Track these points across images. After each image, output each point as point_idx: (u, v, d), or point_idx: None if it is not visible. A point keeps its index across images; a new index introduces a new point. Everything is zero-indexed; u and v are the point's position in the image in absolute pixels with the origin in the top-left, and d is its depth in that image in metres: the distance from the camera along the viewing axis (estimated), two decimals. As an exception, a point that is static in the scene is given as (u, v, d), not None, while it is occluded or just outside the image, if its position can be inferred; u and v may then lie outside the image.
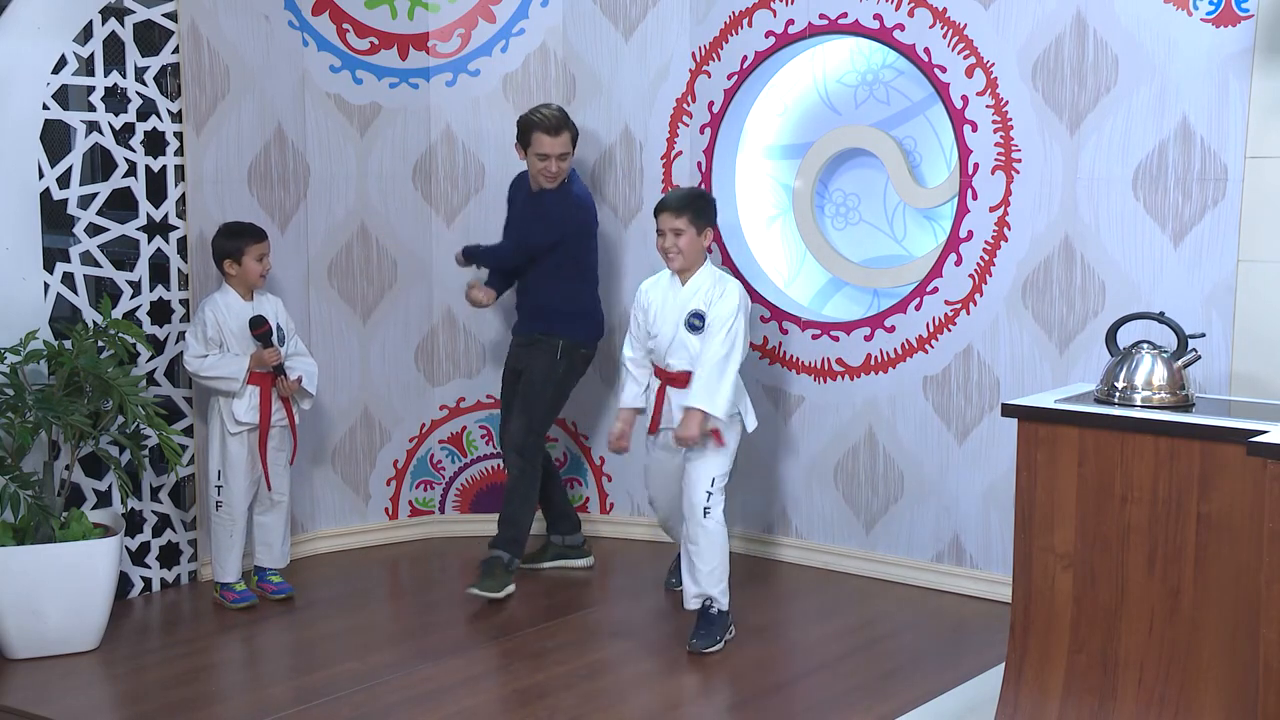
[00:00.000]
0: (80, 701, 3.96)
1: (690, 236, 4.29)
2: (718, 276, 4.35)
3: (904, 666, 4.19)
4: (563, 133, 4.84)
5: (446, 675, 4.14)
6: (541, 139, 4.82)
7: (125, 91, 4.73)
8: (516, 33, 5.47)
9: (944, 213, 4.97)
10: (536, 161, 4.85)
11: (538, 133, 4.82)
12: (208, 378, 4.65)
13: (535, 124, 4.84)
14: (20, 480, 4.20)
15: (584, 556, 5.22)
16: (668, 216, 4.31)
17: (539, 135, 4.82)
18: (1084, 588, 3.44)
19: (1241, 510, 3.18)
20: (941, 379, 4.84)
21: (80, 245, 4.64)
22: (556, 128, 4.82)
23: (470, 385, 5.61)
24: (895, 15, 4.79)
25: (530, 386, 4.94)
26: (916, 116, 5.03)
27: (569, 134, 4.86)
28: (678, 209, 4.31)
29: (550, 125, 4.82)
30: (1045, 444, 3.47)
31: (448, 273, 5.38)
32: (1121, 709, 3.39)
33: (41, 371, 4.42)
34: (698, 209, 4.33)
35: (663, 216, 4.33)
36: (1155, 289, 4.36)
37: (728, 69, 5.20)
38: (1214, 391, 4.20)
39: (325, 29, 5.27)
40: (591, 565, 5.20)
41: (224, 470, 4.74)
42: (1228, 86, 4.19)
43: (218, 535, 4.76)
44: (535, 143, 4.83)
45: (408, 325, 5.52)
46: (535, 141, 4.83)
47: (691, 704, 3.96)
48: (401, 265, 5.45)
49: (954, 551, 4.88)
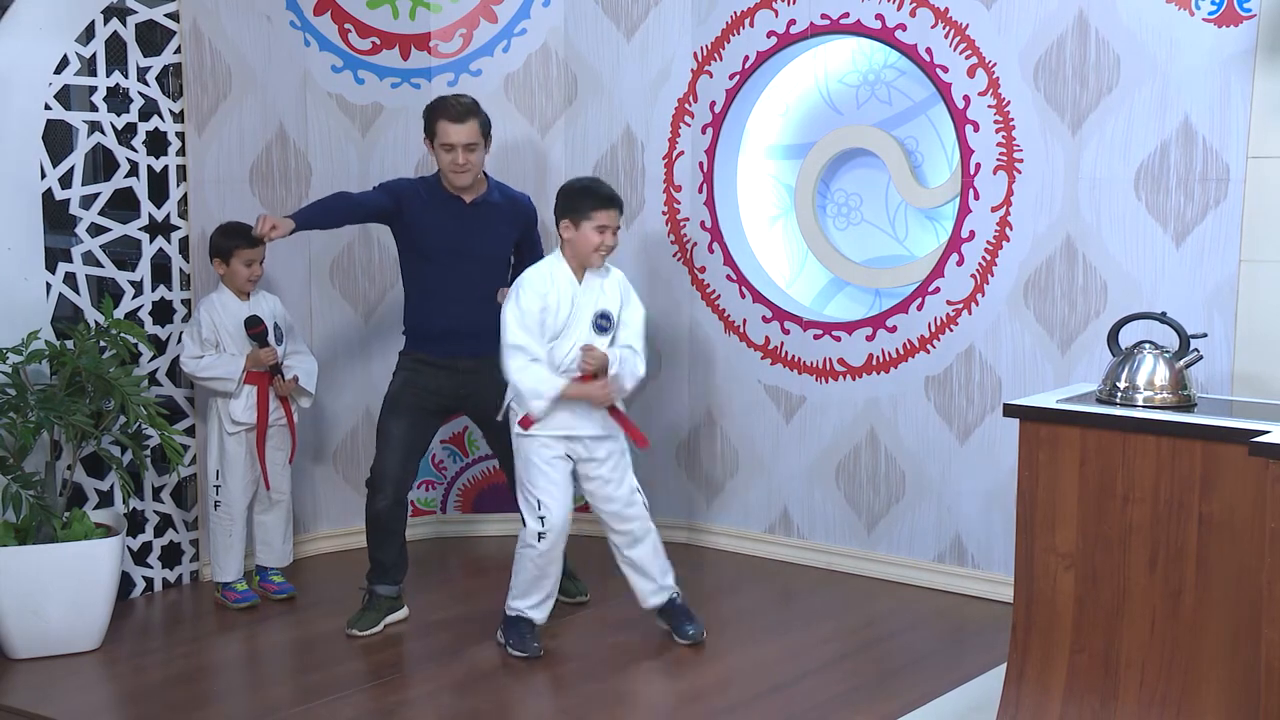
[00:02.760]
0: (82, 701, 3.97)
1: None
2: (609, 271, 4.29)
3: (905, 667, 4.19)
4: (469, 120, 4.40)
5: (447, 675, 4.14)
6: (446, 127, 4.39)
7: (127, 91, 4.73)
8: (518, 33, 5.47)
9: (946, 213, 4.96)
10: (443, 155, 4.42)
11: (442, 120, 4.40)
12: (204, 378, 4.66)
13: (438, 109, 4.43)
14: (22, 480, 4.20)
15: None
16: (615, 214, 4.20)
17: (443, 123, 4.40)
18: (1085, 588, 3.43)
19: (1243, 510, 3.18)
20: (943, 379, 4.84)
21: (82, 245, 4.64)
22: (462, 114, 4.39)
23: (472, 385, 5.61)
24: (897, 15, 4.79)
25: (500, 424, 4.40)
26: (918, 116, 5.03)
27: (477, 122, 4.43)
28: (621, 206, 4.25)
29: (455, 111, 4.39)
30: (1047, 444, 3.47)
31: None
32: (1123, 709, 3.39)
33: (43, 371, 4.43)
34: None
35: (611, 213, 4.17)
36: (1157, 289, 4.36)
37: (729, 69, 5.20)
38: (1216, 392, 4.20)
39: (327, 29, 5.27)
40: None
41: (222, 470, 4.74)
42: (1230, 87, 4.18)
43: (216, 535, 4.77)
44: (440, 131, 4.41)
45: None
46: (440, 130, 4.41)
47: (692, 704, 3.96)
48: (403, 265, 5.45)
49: (955, 552, 4.88)
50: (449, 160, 4.43)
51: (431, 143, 4.48)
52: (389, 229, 4.67)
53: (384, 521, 4.51)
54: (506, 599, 4.31)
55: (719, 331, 5.34)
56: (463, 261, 4.53)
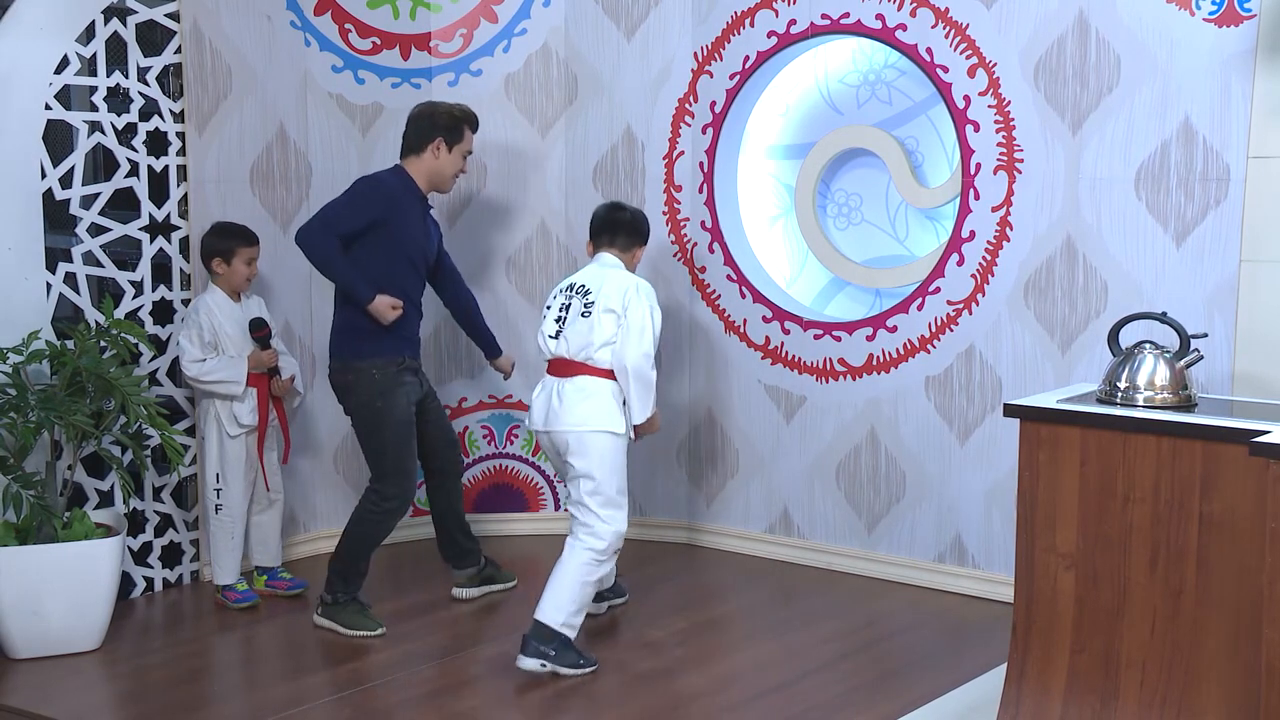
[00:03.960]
0: (82, 701, 3.97)
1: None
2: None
3: (906, 667, 4.19)
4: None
5: (447, 675, 4.14)
6: (470, 137, 4.56)
7: (127, 91, 4.73)
8: (519, 33, 5.47)
9: (946, 213, 4.96)
10: (461, 161, 4.55)
11: (468, 130, 4.54)
12: (208, 382, 4.65)
13: (469, 118, 4.55)
14: (23, 480, 4.20)
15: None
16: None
17: (469, 133, 4.55)
18: (1086, 588, 3.43)
19: (1244, 510, 3.18)
20: (943, 379, 4.84)
21: (82, 245, 4.64)
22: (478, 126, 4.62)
23: (472, 385, 5.61)
24: (897, 15, 4.79)
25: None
26: (918, 116, 5.03)
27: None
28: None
29: (477, 123, 4.59)
30: (1047, 444, 3.47)
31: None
32: (1124, 709, 3.39)
33: (44, 371, 4.43)
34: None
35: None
36: (1157, 289, 4.36)
37: (730, 69, 5.20)
38: (1216, 392, 4.20)
39: (327, 29, 5.27)
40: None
41: (223, 473, 4.74)
42: (1230, 86, 4.18)
43: (218, 537, 4.76)
44: (466, 139, 4.54)
45: (410, 325, 5.52)
46: (467, 138, 4.54)
47: (692, 704, 3.96)
48: (403, 265, 5.45)
49: (956, 552, 4.88)
50: (461, 167, 4.55)
51: (449, 147, 4.50)
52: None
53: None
54: (554, 621, 4.05)
55: (719, 331, 5.34)
56: (428, 260, 4.66)
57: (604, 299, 4.17)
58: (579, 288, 4.26)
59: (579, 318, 4.18)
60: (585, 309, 4.19)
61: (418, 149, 4.51)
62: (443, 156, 4.51)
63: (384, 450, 4.47)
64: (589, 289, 4.22)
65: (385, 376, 4.45)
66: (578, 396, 4.16)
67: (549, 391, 4.23)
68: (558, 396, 4.19)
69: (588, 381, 4.17)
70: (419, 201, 4.55)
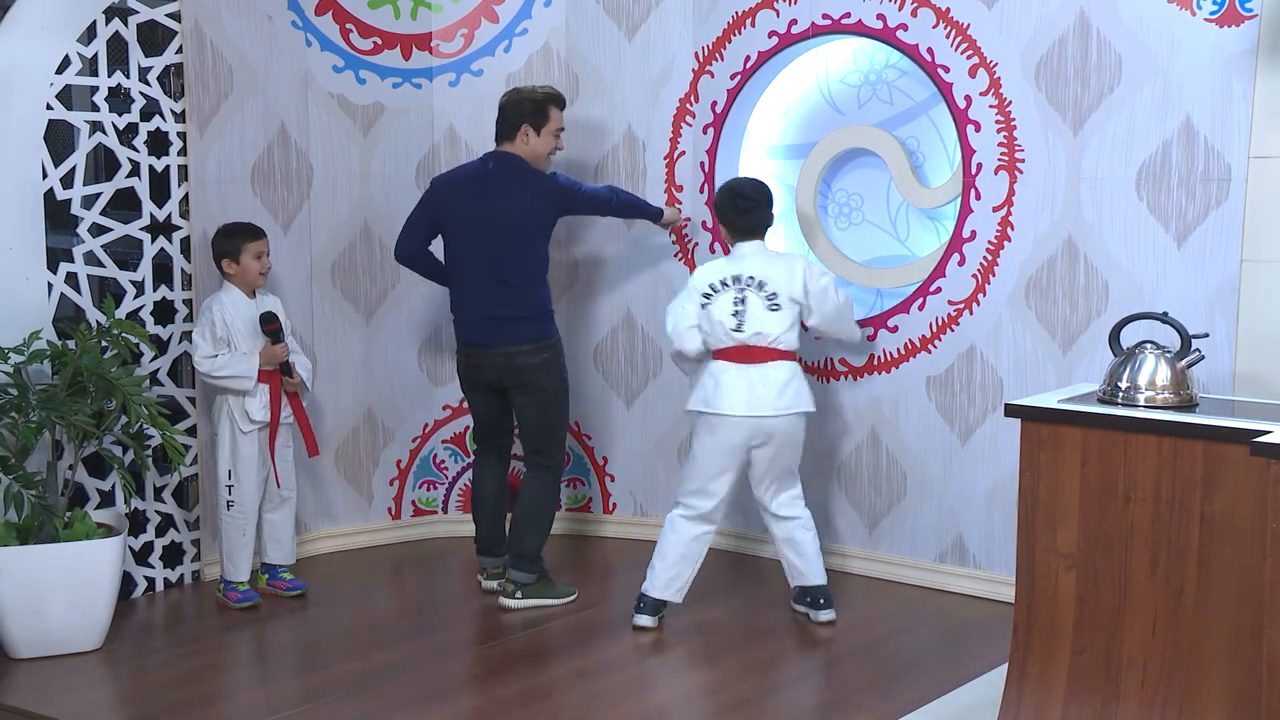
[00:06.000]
0: (83, 701, 3.97)
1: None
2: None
3: (907, 667, 4.19)
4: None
5: (449, 675, 4.14)
6: (559, 115, 4.75)
7: (129, 91, 4.73)
8: (519, 32, 5.47)
9: (947, 213, 4.96)
10: (553, 140, 4.74)
11: (555, 109, 4.73)
12: (220, 377, 4.65)
13: (556, 99, 4.75)
14: (24, 480, 4.21)
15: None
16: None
17: (557, 111, 4.73)
18: (1087, 588, 3.43)
19: (1245, 511, 3.17)
20: (944, 379, 4.84)
21: (84, 245, 4.64)
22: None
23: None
24: (898, 15, 4.79)
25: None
26: (919, 116, 5.03)
27: None
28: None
29: (563, 98, 4.80)
30: (1048, 444, 3.47)
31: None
32: (1124, 710, 3.39)
33: (45, 371, 4.43)
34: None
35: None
36: (1158, 289, 4.36)
37: (731, 69, 5.20)
38: (1217, 392, 4.20)
39: (328, 29, 5.27)
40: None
41: (235, 469, 4.74)
42: (1231, 86, 4.18)
43: (230, 535, 4.76)
44: (554, 119, 4.72)
45: (411, 325, 5.52)
46: (554, 117, 4.72)
47: (693, 704, 3.96)
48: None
49: (957, 552, 4.88)
50: (555, 145, 4.74)
51: (537, 131, 4.67)
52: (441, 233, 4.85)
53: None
54: (824, 578, 4.57)
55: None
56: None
57: (784, 289, 4.42)
58: (748, 280, 4.43)
59: (767, 311, 4.39)
60: (771, 303, 4.40)
61: (510, 136, 4.70)
62: (532, 140, 4.67)
63: (563, 424, 4.83)
64: (762, 281, 4.42)
65: (557, 351, 4.79)
66: (781, 381, 4.42)
67: (748, 379, 4.39)
68: (762, 384, 4.39)
69: (786, 366, 4.44)
70: (467, 180, 4.72)
